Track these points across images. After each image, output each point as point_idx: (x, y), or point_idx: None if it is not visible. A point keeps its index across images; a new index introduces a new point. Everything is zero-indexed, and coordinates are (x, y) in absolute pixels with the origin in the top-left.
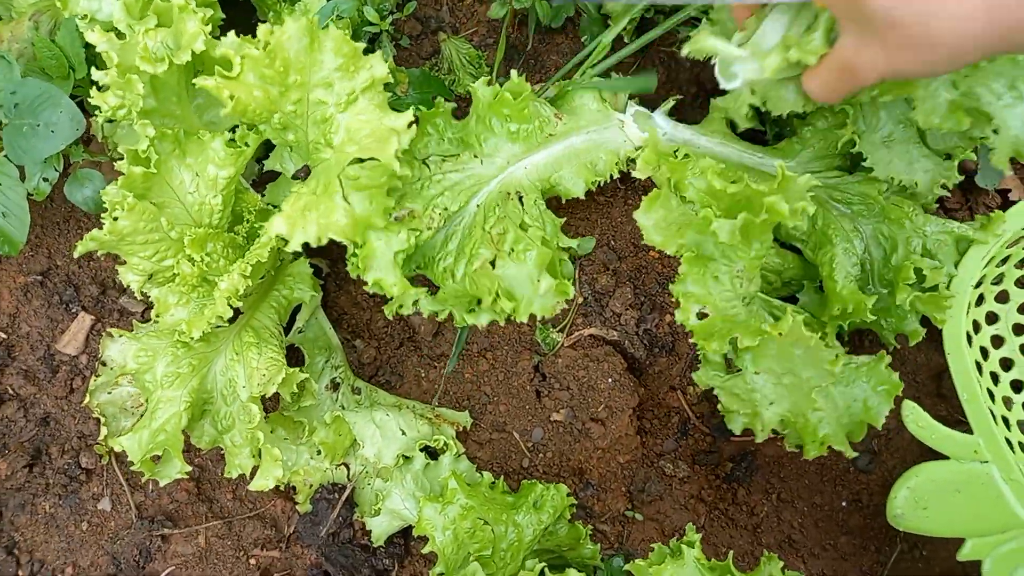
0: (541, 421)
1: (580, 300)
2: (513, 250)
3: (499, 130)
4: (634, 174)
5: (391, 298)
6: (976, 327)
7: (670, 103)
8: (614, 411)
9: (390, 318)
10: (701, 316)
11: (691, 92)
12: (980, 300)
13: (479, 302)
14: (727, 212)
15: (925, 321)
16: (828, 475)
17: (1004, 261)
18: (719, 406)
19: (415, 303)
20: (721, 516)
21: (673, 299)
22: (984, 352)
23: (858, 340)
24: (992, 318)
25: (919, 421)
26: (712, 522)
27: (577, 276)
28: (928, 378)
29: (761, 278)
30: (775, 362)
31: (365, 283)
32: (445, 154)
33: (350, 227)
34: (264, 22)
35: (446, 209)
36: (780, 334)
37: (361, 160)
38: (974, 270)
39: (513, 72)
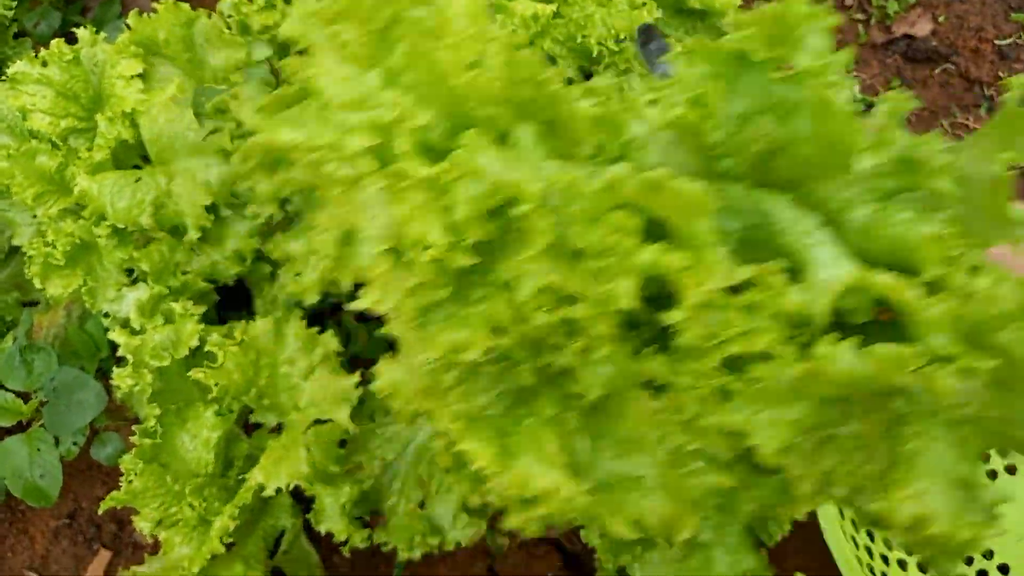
0: None
1: None
2: (438, 491)
3: None
4: None
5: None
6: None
7: None
8: None
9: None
10: None
11: None
12: None
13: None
14: None
15: None
16: None
17: None
18: None
19: (366, 539)
20: None
21: None
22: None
23: None
24: None
25: None
26: None
27: None
28: None
29: None
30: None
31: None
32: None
33: (311, 474)
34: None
35: (383, 459)
36: None
37: (321, 421)
38: None
39: None
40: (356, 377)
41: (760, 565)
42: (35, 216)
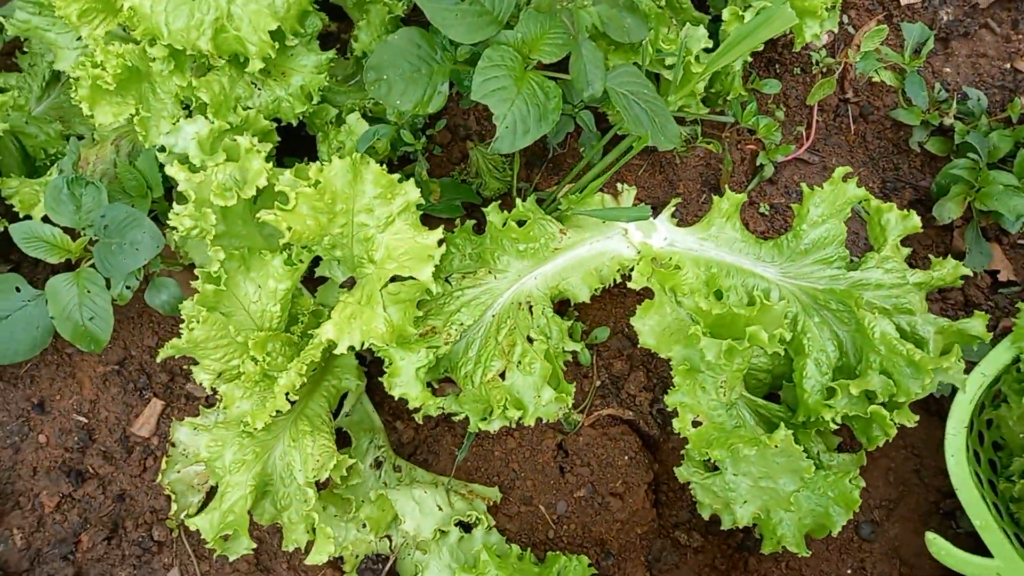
0: (565, 495)
1: (597, 383)
2: (520, 362)
3: (509, 249)
4: (630, 285)
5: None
6: (981, 439)
7: (671, 207)
8: (631, 486)
9: (419, 421)
10: (695, 424)
11: (695, 189)
12: (982, 407)
13: (491, 411)
14: (712, 329)
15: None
16: (833, 544)
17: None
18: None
19: (439, 407)
20: None
21: None
22: (992, 465)
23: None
24: (991, 424)
25: (942, 550)
26: None
27: (594, 362)
28: (929, 450)
29: (751, 376)
30: (755, 466)
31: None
32: (465, 270)
33: (388, 335)
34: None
35: (462, 324)
36: (776, 446)
37: (400, 277)
38: (970, 398)
39: (519, 201)
40: (439, 232)
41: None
42: (79, 39)
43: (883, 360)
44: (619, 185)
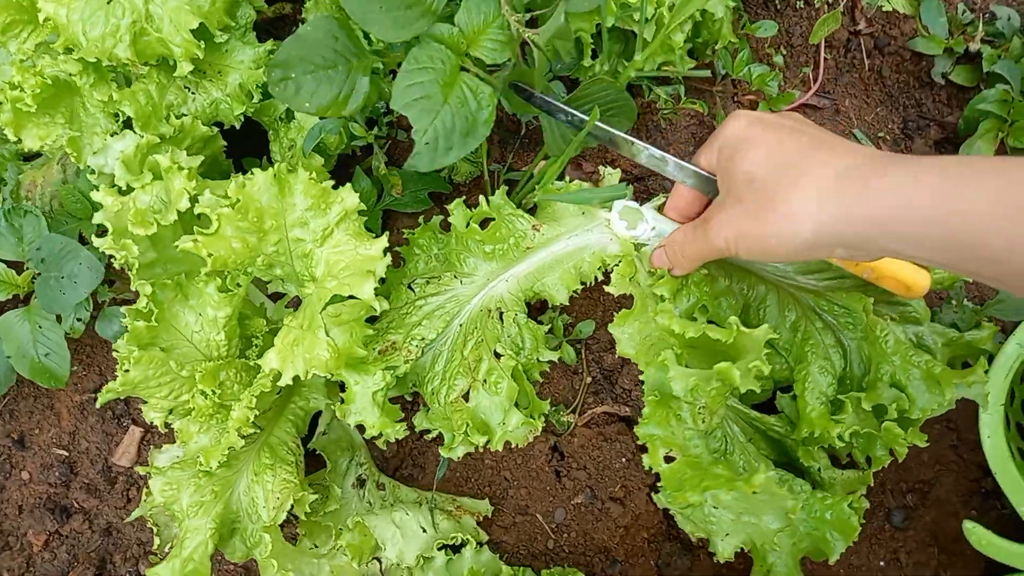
0: (563, 502)
1: (588, 380)
2: (487, 381)
3: (476, 250)
4: (608, 289)
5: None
6: (1007, 422)
7: (661, 198)
8: (631, 490)
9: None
10: (668, 460)
11: (688, 153)
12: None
13: (453, 436)
14: (688, 351)
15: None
16: (863, 534)
17: None
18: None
19: (403, 431)
20: None
21: None
22: None
23: None
24: None
25: (983, 539)
26: None
27: (584, 356)
28: (966, 423)
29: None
30: (735, 503)
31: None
32: (431, 275)
33: (332, 361)
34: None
35: (423, 339)
36: (754, 492)
37: (342, 296)
38: (1006, 372)
39: (483, 199)
40: (383, 241)
41: None
42: (12, 53)
43: (896, 372)
44: (601, 168)
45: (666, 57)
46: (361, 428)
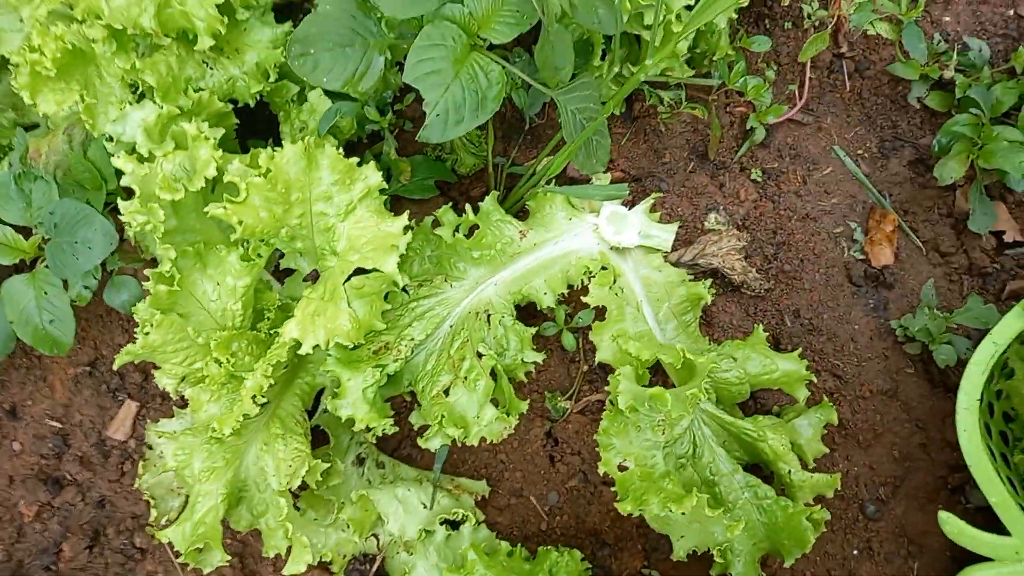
0: (556, 486)
1: (585, 368)
2: (467, 378)
3: (465, 255)
4: (585, 299)
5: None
6: (991, 410)
7: (650, 201)
8: None
9: (373, 441)
10: (622, 468)
11: (682, 157)
12: (991, 378)
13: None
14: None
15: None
16: (838, 524)
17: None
18: None
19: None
20: None
21: None
22: (1004, 437)
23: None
24: (1000, 395)
25: (956, 529)
26: None
27: (581, 345)
28: (934, 423)
29: (722, 389)
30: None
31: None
32: (424, 277)
33: (354, 332)
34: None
35: (413, 339)
36: (683, 513)
37: (365, 269)
38: (981, 370)
39: (468, 208)
40: (404, 219)
41: None
42: (22, 20)
43: None
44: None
45: (668, 64)
46: (351, 421)
